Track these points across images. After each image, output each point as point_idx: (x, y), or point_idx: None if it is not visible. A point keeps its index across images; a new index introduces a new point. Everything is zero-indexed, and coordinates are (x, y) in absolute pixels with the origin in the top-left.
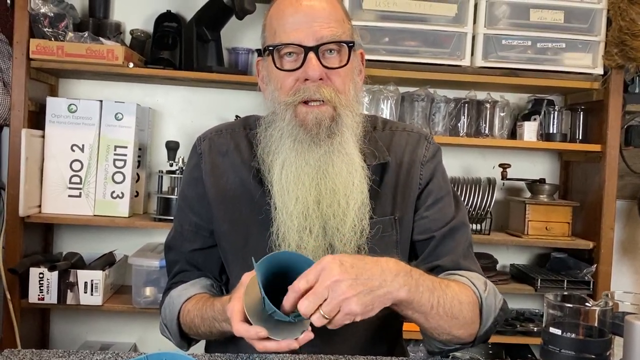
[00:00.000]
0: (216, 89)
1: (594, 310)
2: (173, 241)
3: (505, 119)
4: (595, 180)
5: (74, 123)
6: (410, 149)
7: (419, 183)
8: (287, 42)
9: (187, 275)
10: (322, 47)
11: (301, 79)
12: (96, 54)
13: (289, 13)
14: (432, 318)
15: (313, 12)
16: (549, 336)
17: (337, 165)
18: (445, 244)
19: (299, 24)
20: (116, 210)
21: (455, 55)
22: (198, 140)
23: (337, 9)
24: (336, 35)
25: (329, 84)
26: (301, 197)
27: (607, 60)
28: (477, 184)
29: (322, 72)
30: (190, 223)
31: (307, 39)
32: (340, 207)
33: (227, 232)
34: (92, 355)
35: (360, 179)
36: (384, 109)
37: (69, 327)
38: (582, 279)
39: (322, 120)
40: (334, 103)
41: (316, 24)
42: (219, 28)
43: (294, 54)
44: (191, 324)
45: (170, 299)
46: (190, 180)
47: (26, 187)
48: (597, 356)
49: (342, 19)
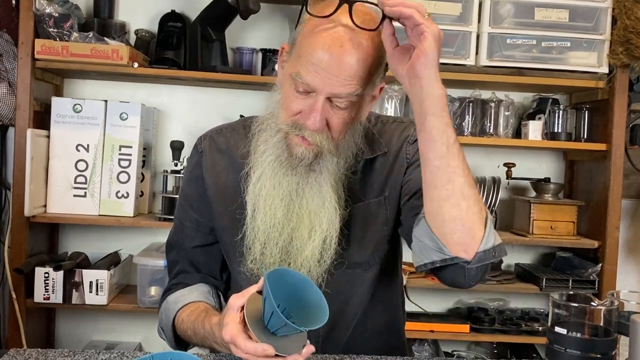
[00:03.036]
0: (221, 88)
1: (600, 309)
2: (174, 239)
3: (510, 118)
4: (601, 180)
5: (79, 123)
6: (398, 134)
7: (406, 159)
8: (302, 80)
9: (187, 277)
10: (334, 99)
11: (304, 114)
12: (101, 54)
13: (317, 54)
14: (446, 176)
15: (339, 67)
16: (554, 336)
17: (307, 196)
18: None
19: (321, 69)
20: (121, 210)
21: (459, 55)
22: (199, 140)
23: (367, 64)
24: (352, 94)
25: (324, 131)
26: (270, 212)
27: (612, 59)
28: (482, 183)
29: (322, 125)
30: (191, 220)
31: (321, 88)
32: (303, 232)
33: (228, 226)
34: (98, 354)
35: (329, 215)
36: (389, 108)
37: (74, 327)
38: (588, 278)
39: (305, 156)
40: (322, 149)
41: (336, 79)
42: (223, 28)
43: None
44: (184, 334)
45: (167, 304)
46: (191, 178)
47: (31, 187)
48: (602, 356)
49: (370, 72)
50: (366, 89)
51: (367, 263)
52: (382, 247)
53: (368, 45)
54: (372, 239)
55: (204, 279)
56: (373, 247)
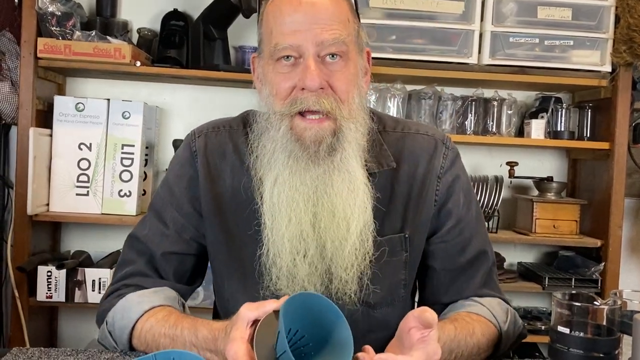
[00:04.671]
0: (223, 87)
1: (603, 308)
2: (143, 234)
3: (513, 117)
4: (603, 178)
5: (82, 122)
6: (426, 158)
7: (435, 199)
8: (284, 45)
9: (144, 281)
10: (323, 51)
11: (299, 86)
12: (103, 53)
13: (287, 12)
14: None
15: (314, 12)
16: (557, 335)
17: (336, 185)
18: (466, 276)
19: (298, 24)
20: (124, 208)
21: (462, 53)
22: (192, 135)
23: (341, 7)
24: (339, 38)
25: (329, 93)
26: (295, 218)
27: (616, 57)
28: (484, 182)
29: (321, 80)
30: (176, 223)
31: (306, 43)
32: (339, 230)
33: (224, 242)
34: (100, 353)
35: (363, 197)
36: (391, 107)
37: (77, 325)
38: (590, 277)
39: (322, 137)
40: (335, 115)
41: (317, 26)
42: (225, 26)
43: (291, 57)
44: (151, 342)
45: (127, 303)
46: (180, 175)
47: (34, 186)
48: (605, 355)
49: (348, 18)
50: (351, 37)
51: (379, 304)
52: (397, 291)
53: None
54: (385, 279)
55: (169, 285)
56: (387, 288)
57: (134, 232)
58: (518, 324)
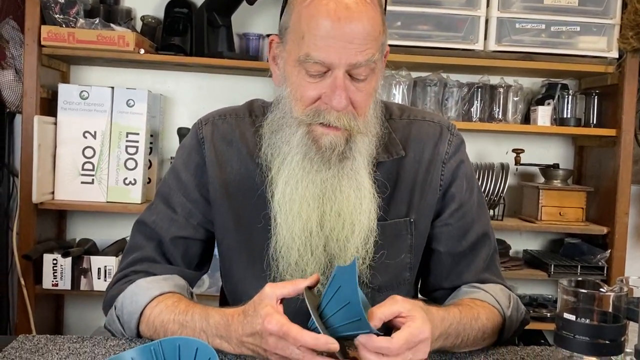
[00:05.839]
0: (227, 75)
1: (609, 295)
2: (156, 222)
3: (519, 104)
4: (610, 165)
5: (86, 110)
6: (431, 144)
7: (440, 184)
8: (316, 59)
9: (153, 267)
10: (353, 70)
11: (324, 99)
12: (107, 41)
13: (323, 25)
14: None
15: (351, 31)
16: (562, 322)
17: (344, 189)
18: (468, 260)
19: (332, 41)
20: (129, 196)
21: (468, 40)
22: (199, 124)
23: (376, 21)
24: (371, 59)
25: (349, 110)
26: (304, 214)
27: (622, 43)
28: (490, 170)
29: (347, 102)
30: (184, 208)
31: (339, 62)
32: (344, 231)
33: (233, 227)
34: (106, 340)
35: (368, 205)
36: (396, 94)
37: (82, 313)
38: (596, 264)
39: (336, 144)
40: (351, 131)
41: (352, 46)
42: (229, 13)
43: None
44: (160, 327)
45: (137, 288)
46: (188, 163)
47: (39, 174)
48: (611, 342)
49: (380, 31)
50: (379, 49)
51: (384, 287)
52: (402, 274)
53: (372, 0)
54: (390, 262)
55: (177, 272)
56: (393, 271)
57: (142, 218)
58: (521, 310)
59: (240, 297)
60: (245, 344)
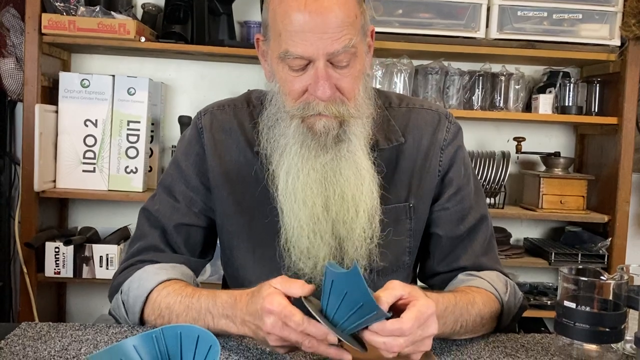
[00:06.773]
0: (228, 63)
1: (609, 283)
2: (160, 210)
3: (520, 92)
4: (611, 154)
5: (87, 98)
6: (430, 131)
7: (438, 170)
8: (295, 55)
9: (158, 256)
10: (334, 59)
11: (310, 91)
12: (108, 29)
13: (296, 19)
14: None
15: (323, 21)
16: (563, 310)
17: (344, 172)
18: (465, 244)
19: (307, 35)
20: (130, 185)
21: (470, 27)
22: (198, 115)
23: (349, 7)
24: (349, 45)
25: (337, 97)
26: (309, 201)
27: (625, 31)
28: (491, 158)
29: (332, 90)
30: (185, 196)
31: (317, 53)
32: (349, 213)
33: (233, 213)
34: (108, 328)
35: (369, 185)
36: (397, 83)
37: (85, 301)
38: (597, 252)
39: (330, 128)
40: (343, 117)
41: (327, 35)
42: (230, 1)
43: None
44: (165, 308)
45: (144, 273)
46: (188, 153)
47: (40, 163)
48: (611, 329)
49: (355, 14)
50: (358, 32)
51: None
52: (402, 258)
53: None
54: (390, 246)
55: (183, 260)
56: (393, 255)
57: (147, 206)
58: (518, 296)
59: (241, 283)
60: (247, 322)
